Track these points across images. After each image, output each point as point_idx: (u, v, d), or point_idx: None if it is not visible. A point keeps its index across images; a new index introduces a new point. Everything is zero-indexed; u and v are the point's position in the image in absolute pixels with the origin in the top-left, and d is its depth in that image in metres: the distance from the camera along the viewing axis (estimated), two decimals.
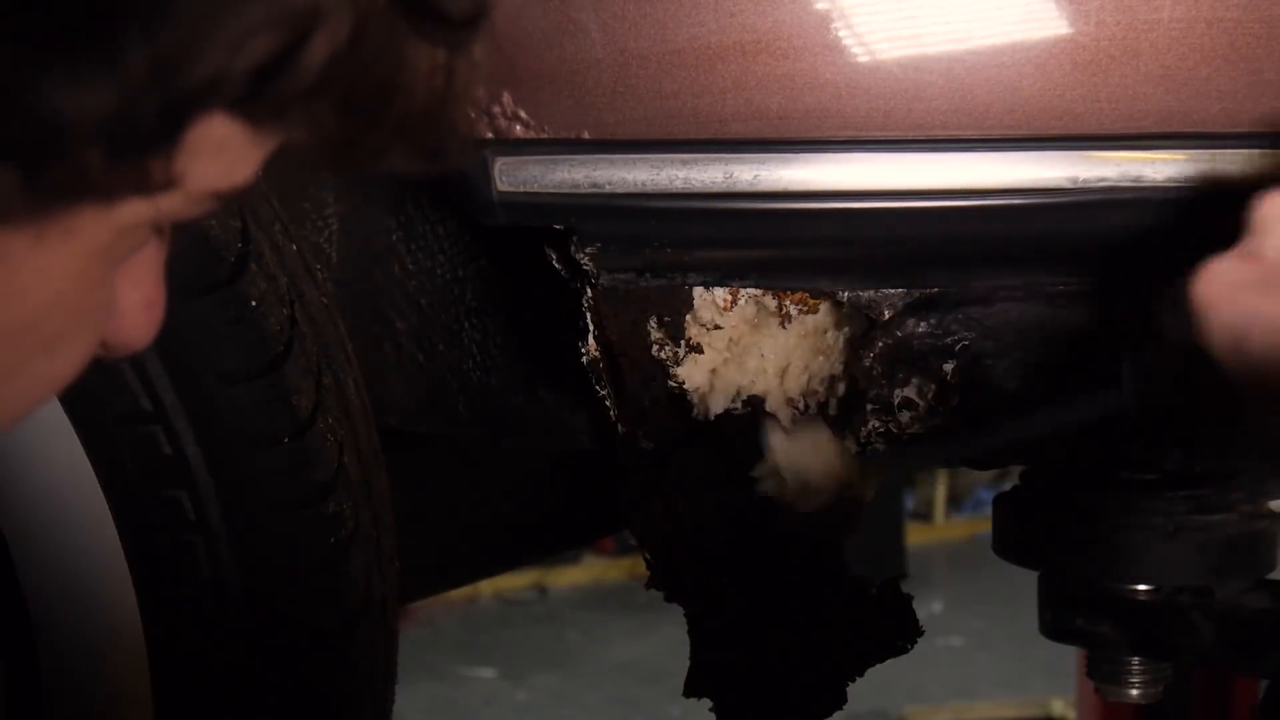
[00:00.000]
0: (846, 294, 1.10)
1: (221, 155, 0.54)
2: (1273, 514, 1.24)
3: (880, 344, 1.10)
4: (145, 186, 0.52)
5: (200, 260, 1.05)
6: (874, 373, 1.11)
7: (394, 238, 1.39)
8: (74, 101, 0.48)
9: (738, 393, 1.18)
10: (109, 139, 0.49)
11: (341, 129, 0.55)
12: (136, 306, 0.61)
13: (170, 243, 0.62)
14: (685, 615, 1.17)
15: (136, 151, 0.50)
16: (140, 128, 0.49)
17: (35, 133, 0.48)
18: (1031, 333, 1.11)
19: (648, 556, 1.18)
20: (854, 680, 1.16)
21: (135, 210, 0.54)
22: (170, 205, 0.55)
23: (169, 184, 0.53)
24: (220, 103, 0.51)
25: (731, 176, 1.00)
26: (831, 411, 1.13)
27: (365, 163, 0.59)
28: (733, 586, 1.16)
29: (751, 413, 1.17)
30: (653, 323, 1.12)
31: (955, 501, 6.71)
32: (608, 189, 1.02)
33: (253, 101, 0.52)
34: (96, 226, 0.54)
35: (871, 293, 1.10)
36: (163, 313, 0.62)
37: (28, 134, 0.49)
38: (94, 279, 0.56)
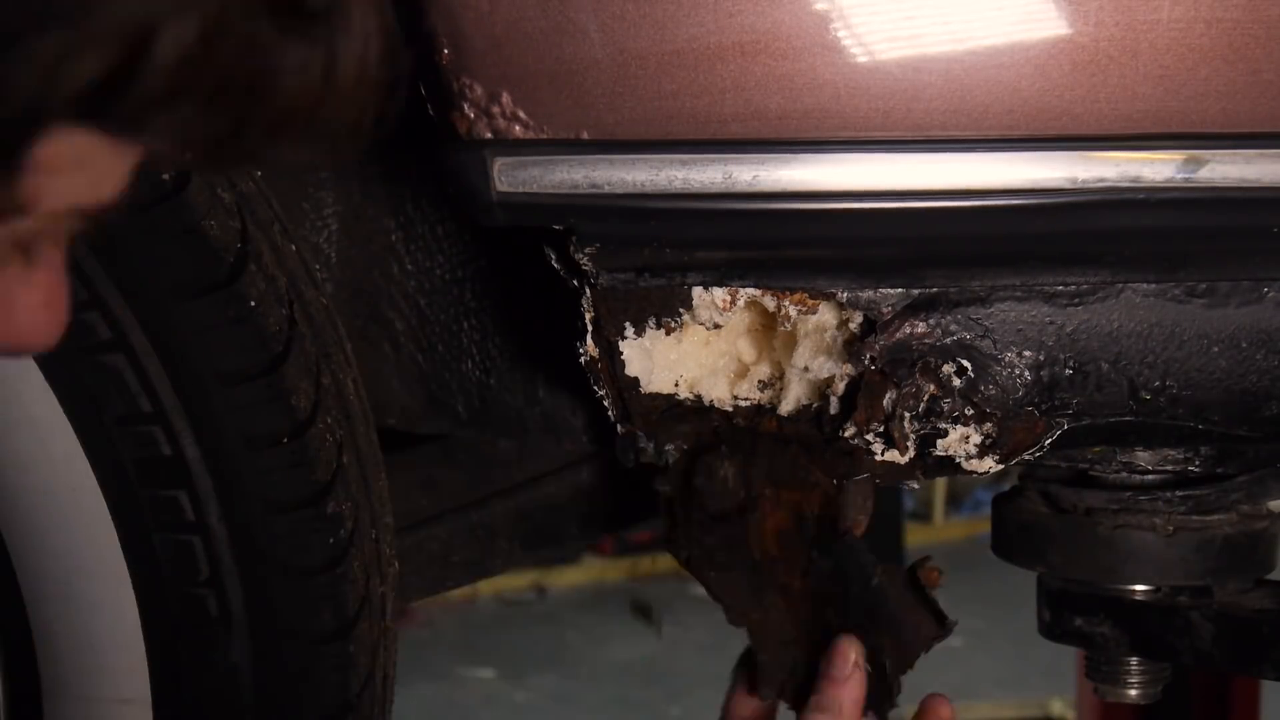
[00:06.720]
0: (846, 294, 1.10)
1: (82, 171, 0.53)
2: (1272, 514, 1.24)
3: (880, 344, 1.10)
4: None
5: (199, 261, 1.05)
6: (873, 373, 1.11)
7: (393, 238, 1.39)
8: None
9: (737, 393, 1.18)
10: None
11: (210, 132, 0.54)
12: (33, 307, 0.60)
13: (71, 244, 0.60)
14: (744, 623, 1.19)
15: None
16: None
17: None
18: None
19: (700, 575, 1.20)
20: None
21: None
22: (33, 224, 0.54)
23: (19, 207, 0.51)
24: (61, 122, 0.50)
25: (731, 177, 1.00)
26: (831, 411, 1.13)
27: (241, 161, 0.58)
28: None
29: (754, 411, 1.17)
30: (652, 323, 1.12)
31: (954, 502, 6.70)
32: (607, 189, 1.02)
33: (105, 115, 0.51)
34: None
35: (871, 293, 1.10)
36: (65, 312, 0.61)
37: None
38: None
